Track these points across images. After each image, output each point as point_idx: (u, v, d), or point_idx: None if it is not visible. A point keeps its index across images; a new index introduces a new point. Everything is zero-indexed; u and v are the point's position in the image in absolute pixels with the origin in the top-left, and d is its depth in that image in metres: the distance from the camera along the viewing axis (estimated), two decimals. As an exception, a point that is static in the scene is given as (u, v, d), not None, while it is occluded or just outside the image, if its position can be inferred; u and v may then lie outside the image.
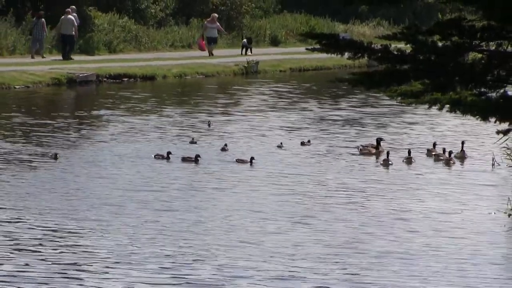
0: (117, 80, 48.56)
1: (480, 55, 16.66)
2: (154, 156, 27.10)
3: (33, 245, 17.03)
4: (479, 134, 22.52)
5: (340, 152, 28.20)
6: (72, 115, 37.42)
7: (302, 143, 30.17)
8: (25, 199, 20.60)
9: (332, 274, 16.25)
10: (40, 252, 16.49)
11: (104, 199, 21.75)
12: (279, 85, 49.57)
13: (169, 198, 22.36)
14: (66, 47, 54.10)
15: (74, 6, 55.04)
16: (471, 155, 25.44)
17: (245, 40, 63.91)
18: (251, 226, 20.35)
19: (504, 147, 20.71)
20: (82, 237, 17.98)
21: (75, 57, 55.09)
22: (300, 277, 15.99)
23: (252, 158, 27.05)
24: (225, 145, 28.90)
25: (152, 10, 63.49)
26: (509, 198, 19.96)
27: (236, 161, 27.67)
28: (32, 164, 25.65)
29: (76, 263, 15.44)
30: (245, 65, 56.53)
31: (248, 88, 48.95)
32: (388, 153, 27.53)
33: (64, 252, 16.56)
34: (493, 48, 16.69)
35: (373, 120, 33.59)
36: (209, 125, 33.19)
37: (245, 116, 38.43)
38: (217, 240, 19.06)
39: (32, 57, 53.64)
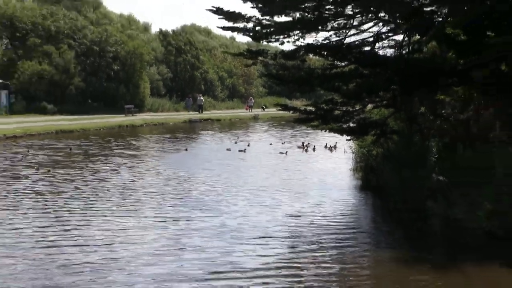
0: (207, 120, 46.86)
1: (340, 112, 16.13)
2: (226, 149, 26.04)
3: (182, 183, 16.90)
4: (340, 140, 21.71)
5: (292, 147, 27.28)
6: (191, 133, 36.29)
7: (283, 143, 29.06)
8: (172, 167, 19.73)
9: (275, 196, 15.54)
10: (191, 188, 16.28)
11: (207, 166, 20.65)
12: (267, 123, 47.85)
13: (237, 163, 21.73)
14: (199, 109, 52.56)
15: (200, 94, 55.37)
16: (339, 147, 24.83)
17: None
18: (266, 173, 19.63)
19: (349, 145, 19.86)
20: (201, 181, 17.39)
21: (193, 112, 53.73)
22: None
23: (286, 151, 25.18)
24: (248, 144, 28.03)
25: (219, 95, 62.10)
26: (352, 160, 19.50)
27: (279, 153, 25.13)
28: (177, 152, 25.30)
29: (206, 194, 15.07)
30: (254, 115, 55.31)
31: (254, 124, 47.47)
32: (307, 146, 26.51)
33: (201, 189, 15.97)
34: (345, 109, 16.18)
35: (303, 135, 32.59)
36: (237, 137, 31.87)
37: (254, 134, 37.27)
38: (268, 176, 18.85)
39: (187, 111, 52.58)
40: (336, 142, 26.23)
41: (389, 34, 15.72)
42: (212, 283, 8.16)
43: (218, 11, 15.15)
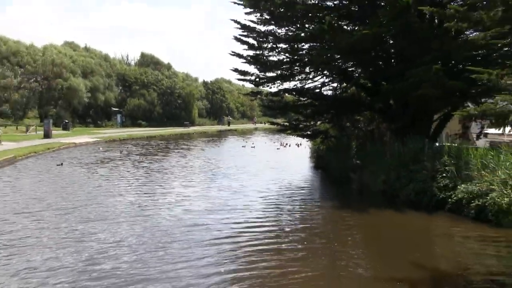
0: (230, 130, 44.84)
1: (302, 125, 15.78)
2: (242, 146, 24.80)
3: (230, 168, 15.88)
4: (303, 141, 20.15)
5: (277, 145, 25.77)
6: (221, 137, 34.78)
7: (274, 143, 27.65)
8: (211, 155, 19.18)
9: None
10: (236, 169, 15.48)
11: (230, 155, 19.83)
12: (263, 131, 45.42)
13: (248, 153, 20.63)
14: (228, 124, 51.41)
15: (229, 116, 54.37)
16: (302, 144, 22.76)
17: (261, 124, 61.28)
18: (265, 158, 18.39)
19: (308, 144, 19.14)
20: (226, 163, 16.69)
21: (222, 126, 52.74)
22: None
23: (287, 144, 23.06)
24: (252, 143, 26.80)
25: (236, 116, 60.55)
26: (309, 152, 18.48)
27: (277, 149, 22.75)
28: (213, 147, 24.55)
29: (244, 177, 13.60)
30: (255, 127, 54.16)
31: (256, 132, 45.18)
32: (286, 145, 24.89)
33: (226, 167, 15.33)
34: (305, 124, 15.81)
35: (281, 138, 29.26)
36: (244, 140, 30.45)
37: (257, 137, 35.58)
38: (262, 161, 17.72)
39: (219, 125, 51.63)
40: (301, 142, 24.66)
41: (329, 83, 15.56)
42: (218, 213, 8.09)
43: (236, 70, 15.21)
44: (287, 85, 15.41)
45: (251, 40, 14.42)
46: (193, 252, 5.69)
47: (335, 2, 13.32)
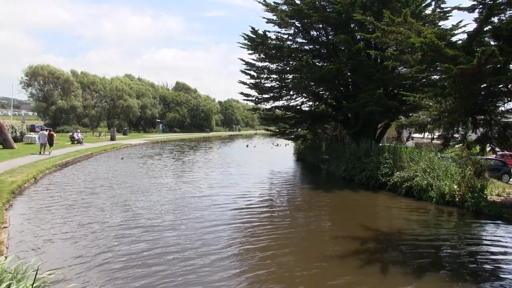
0: (238, 135, 43.69)
1: (288, 131, 15.39)
2: (246, 146, 23.44)
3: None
4: (289, 142, 19.48)
5: (271, 145, 24.31)
6: (232, 139, 32.44)
7: (268, 143, 25.70)
8: (225, 153, 17.95)
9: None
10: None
11: (238, 152, 18.94)
12: (261, 135, 42.95)
13: (251, 151, 19.41)
14: (239, 131, 48.30)
15: (239, 125, 49.31)
16: (288, 144, 20.90)
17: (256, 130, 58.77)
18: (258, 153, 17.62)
19: (293, 144, 18.06)
20: (235, 157, 15.42)
21: (233, 132, 51.45)
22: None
23: (279, 144, 21.22)
24: (255, 144, 25.29)
25: (242, 125, 58.98)
26: (293, 149, 17.34)
27: (271, 148, 21.54)
28: (225, 146, 23.08)
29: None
30: (255, 133, 52.43)
31: (256, 136, 43.08)
32: (277, 145, 23.82)
33: (235, 160, 14.52)
34: (290, 130, 15.46)
35: (274, 140, 27.32)
36: (248, 141, 28.52)
37: (257, 140, 33.85)
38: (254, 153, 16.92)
39: (230, 131, 48.44)
40: (287, 143, 23.86)
41: (307, 102, 15.46)
42: (225, 188, 8.00)
43: (241, 93, 15.34)
44: (277, 103, 15.45)
45: (252, 72, 14.59)
46: (204, 213, 5.79)
47: (310, 46, 13.73)
